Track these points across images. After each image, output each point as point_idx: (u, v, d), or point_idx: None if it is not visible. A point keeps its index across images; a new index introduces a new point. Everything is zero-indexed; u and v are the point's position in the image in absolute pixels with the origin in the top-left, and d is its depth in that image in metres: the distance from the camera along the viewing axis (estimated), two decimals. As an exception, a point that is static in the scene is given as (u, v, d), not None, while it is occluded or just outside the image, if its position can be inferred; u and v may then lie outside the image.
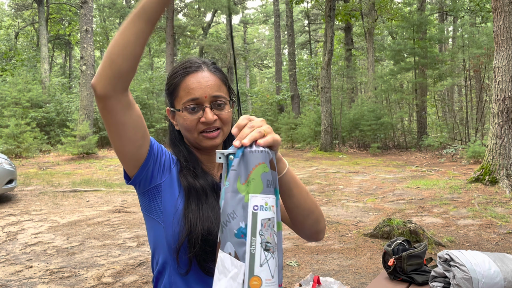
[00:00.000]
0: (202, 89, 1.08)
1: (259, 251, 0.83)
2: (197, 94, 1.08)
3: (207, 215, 1.04)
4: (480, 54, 13.92)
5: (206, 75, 1.10)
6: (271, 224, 0.85)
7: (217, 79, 1.12)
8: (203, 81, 1.09)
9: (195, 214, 1.03)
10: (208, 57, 34.21)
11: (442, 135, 15.49)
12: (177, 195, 1.08)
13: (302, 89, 27.46)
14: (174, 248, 1.03)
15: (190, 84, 1.09)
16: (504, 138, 7.33)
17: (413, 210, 6.04)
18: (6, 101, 17.04)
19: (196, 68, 1.11)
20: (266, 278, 0.83)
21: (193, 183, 1.08)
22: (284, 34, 34.54)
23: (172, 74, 1.13)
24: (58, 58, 39.10)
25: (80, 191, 8.30)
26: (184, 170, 1.11)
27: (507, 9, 7.27)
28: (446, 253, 1.86)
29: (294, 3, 17.39)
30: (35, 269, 3.98)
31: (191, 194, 1.07)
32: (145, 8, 0.88)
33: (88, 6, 15.18)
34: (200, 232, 1.01)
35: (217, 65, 1.17)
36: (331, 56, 15.68)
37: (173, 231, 1.04)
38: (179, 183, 1.09)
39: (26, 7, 28.68)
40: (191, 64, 1.12)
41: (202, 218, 1.03)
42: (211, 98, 1.09)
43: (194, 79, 1.09)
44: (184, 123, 1.10)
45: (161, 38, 29.70)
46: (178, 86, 1.11)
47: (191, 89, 1.08)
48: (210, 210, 1.05)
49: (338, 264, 3.96)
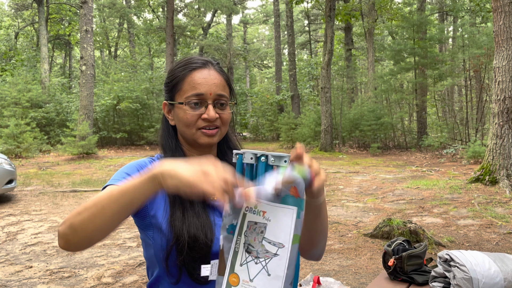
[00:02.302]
0: (208, 85, 1.07)
1: (242, 251, 0.86)
2: (203, 90, 1.07)
3: (192, 222, 1.02)
4: (480, 54, 13.92)
5: (213, 72, 1.10)
6: (257, 229, 0.86)
7: (222, 79, 1.11)
8: (209, 78, 1.08)
9: (180, 222, 1.02)
10: (208, 57, 34.22)
11: (442, 135, 15.49)
12: (163, 206, 1.07)
13: (302, 89, 27.46)
14: (163, 257, 1.03)
15: (197, 79, 1.08)
16: (504, 138, 7.33)
17: (413, 210, 6.04)
18: (6, 101, 17.05)
19: (203, 64, 1.10)
20: (244, 279, 0.85)
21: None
22: (284, 34, 34.53)
23: (176, 67, 1.12)
24: (58, 58, 39.10)
25: (80, 191, 8.29)
26: None
27: (507, 9, 7.27)
28: (446, 253, 1.86)
29: (294, 3, 17.39)
30: (35, 269, 3.97)
31: (176, 201, 1.05)
32: (132, 199, 0.85)
33: (88, 6, 15.18)
34: (186, 239, 1.00)
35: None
36: (331, 56, 15.68)
37: (161, 242, 1.04)
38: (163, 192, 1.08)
39: (26, 7, 28.68)
40: (197, 60, 1.11)
41: (187, 226, 1.01)
42: (215, 96, 1.08)
43: (201, 75, 1.08)
44: (184, 117, 1.08)
45: (161, 38, 29.68)
46: (182, 79, 1.09)
47: (197, 84, 1.07)
48: (196, 216, 1.04)
49: (338, 264, 3.96)
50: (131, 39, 30.92)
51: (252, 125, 29.22)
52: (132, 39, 31.03)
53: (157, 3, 31.82)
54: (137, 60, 29.29)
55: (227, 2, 26.42)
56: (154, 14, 33.18)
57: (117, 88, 19.36)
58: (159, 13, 33.25)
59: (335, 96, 18.91)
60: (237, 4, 32.85)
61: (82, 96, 15.11)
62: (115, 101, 18.90)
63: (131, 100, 18.75)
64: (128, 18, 30.01)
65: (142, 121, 19.80)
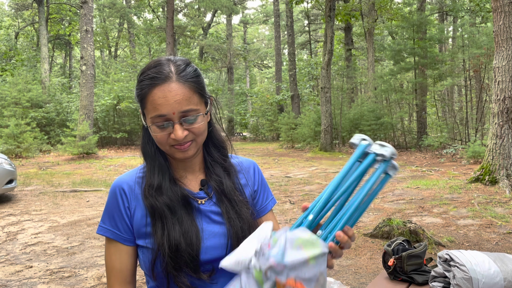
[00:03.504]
0: (169, 105, 0.99)
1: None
2: (164, 111, 0.99)
3: (173, 229, 1.02)
4: (480, 54, 13.92)
5: (173, 88, 0.99)
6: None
7: (186, 91, 1.01)
8: (169, 96, 0.99)
9: (160, 233, 1.02)
10: (208, 57, 34.26)
11: (442, 135, 15.50)
12: (145, 220, 1.07)
13: (302, 89, 27.46)
14: (148, 268, 1.04)
15: (157, 99, 0.99)
16: (504, 138, 7.33)
17: (413, 210, 6.04)
18: (6, 101, 17.05)
19: (164, 79, 1.00)
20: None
21: (154, 203, 1.05)
22: (284, 34, 34.54)
23: (139, 81, 1.05)
24: (58, 58, 39.11)
25: (80, 191, 8.30)
26: (146, 189, 1.08)
27: (507, 9, 7.27)
28: (446, 253, 1.86)
29: (294, 3, 17.39)
30: (35, 269, 3.98)
31: (155, 213, 1.05)
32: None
33: (88, 6, 15.18)
34: (167, 250, 1.00)
35: (190, 67, 1.05)
36: (331, 56, 15.69)
37: (147, 253, 1.05)
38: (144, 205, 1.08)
39: (26, 7, 28.69)
40: (158, 73, 1.01)
41: (167, 236, 1.01)
42: (179, 114, 1.00)
43: (161, 93, 0.99)
44: (155, 137, 1.05)
45: (161, 38, 29.70)
46: (145, 97, 1.02)
47: (157, 104, 0.99)
48: (179, 223, 1.03)
49: (338, 264, 3.96)
50: (131, 39, 30.93)
51: (252, 125, 29.23)
52: (132, 39, 31.03)
53: (157, 3, 31.83)
54: (137, 60, 29.27)
55: (227, 2, 26.43)
56: (154, 14, 33.18)
57: (117, 88, 19.38)
58: (159, 13, 33.26)
59: (335, 96, 18.92)
60: (237, 4, 32.86)
61: (82, 96, 15.11)
62: (115, 101, 18.91)
63: (131, 100, 18.75)
64: (128, 18, 30.01)
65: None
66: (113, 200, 1.10)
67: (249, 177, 1.20)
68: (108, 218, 1.09)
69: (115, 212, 1.09)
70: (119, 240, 1.07)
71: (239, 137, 29.33)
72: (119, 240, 1.07)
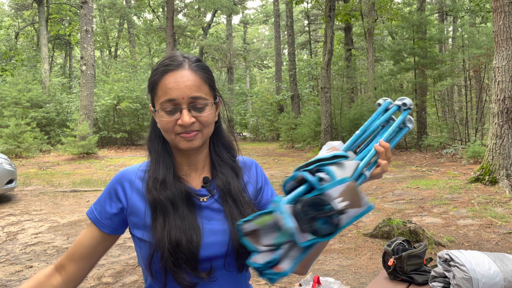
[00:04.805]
0: (179, 89, 1.01)
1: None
2: (174, 95, 1.01)
3: (175, 225, 1.02)
4: (480, 54, 13.92)
5: (185, 74, 1.02)
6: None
7: (197, 79, 1.03)
8: (181, 80, 1.02)
9: (161, 228, 1.02)
10: (208, 58, 34.26)
11: (442, 135, 15.50)
12: (143, 213, 1.07)
13: (302, 89, 27.47)
14: (147, 263, 1.03)
15: (168, 84, 1.02)
16: (504, 138, 7.33)
17: (413, 210, 6.04)
18: (6, 101, 17.06)
19: (176, 66, 1.03)
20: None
21: (157, 197, 1.05)
22: (284, 34, 34.55)
23: (153, 70, 1.07)
24: (58, 58, 39.11)
25: (80, 191, 8.30)
26: (150, 182, 1.08)
27: (507, 9, 7.27)
28: (446, 253, 1.86)
29: (294, 3, 17.39)
30: (35, 269, 3.98)
31: (157, 207, 1.05)
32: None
33: (88, 6, 15.18)
34: (167, 245, 0.99)
35: (202, 62, 1.09)
36: (331, 56, 15.68)
37: (145, 248, 1.04)
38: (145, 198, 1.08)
39: (26, 7, 28.68)
40: (172, 61, 1.04)
41: (168, 230, 1.01)
42: (189, 99, 1.02)
43: (172, 78, 1.02)
44: (161, 123, 1.05)
45: (161, 38, 29.71)
46: (156, 84, 1.04)
47: (168, 89, 1.01)
48: (180, 219, 1.03)
49: (338, 264, 3.96)
50: (131, 39, 30.93)
51: (252, 125, 29.25)
52: (132, 39, 31.03)
53: (157, 3, 31.83)
54: (137, 60, 29.31)
55: (227, 2, 26.43)
56: (154, 14, 33.19)
57: (117, 88, 19.38)
58: (159, 13, 33.26)
59: (335, 96, 18.91)
60: (237, 4, 32.86)
61: (82, 96, 15.12)
62: (115, 101, 18.91)
63: (131, 100, 18.77)
64: (128, 18, 30.01)
65: (142, 121, 19.82)
66: (110, 188, 1.12)
67: (251, 176, 1.21)
68: (99, 202, 1.12)
69: (107, 199, 1.11)
70: (96, 224, 1.10)
71: (239, 137, 29.36)
72: (96, 224, 1.10)
